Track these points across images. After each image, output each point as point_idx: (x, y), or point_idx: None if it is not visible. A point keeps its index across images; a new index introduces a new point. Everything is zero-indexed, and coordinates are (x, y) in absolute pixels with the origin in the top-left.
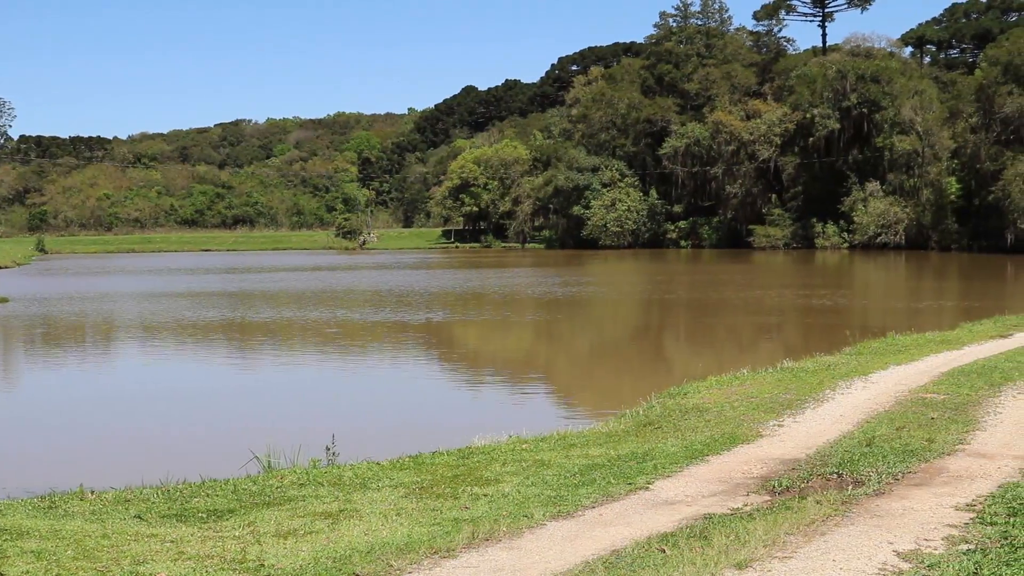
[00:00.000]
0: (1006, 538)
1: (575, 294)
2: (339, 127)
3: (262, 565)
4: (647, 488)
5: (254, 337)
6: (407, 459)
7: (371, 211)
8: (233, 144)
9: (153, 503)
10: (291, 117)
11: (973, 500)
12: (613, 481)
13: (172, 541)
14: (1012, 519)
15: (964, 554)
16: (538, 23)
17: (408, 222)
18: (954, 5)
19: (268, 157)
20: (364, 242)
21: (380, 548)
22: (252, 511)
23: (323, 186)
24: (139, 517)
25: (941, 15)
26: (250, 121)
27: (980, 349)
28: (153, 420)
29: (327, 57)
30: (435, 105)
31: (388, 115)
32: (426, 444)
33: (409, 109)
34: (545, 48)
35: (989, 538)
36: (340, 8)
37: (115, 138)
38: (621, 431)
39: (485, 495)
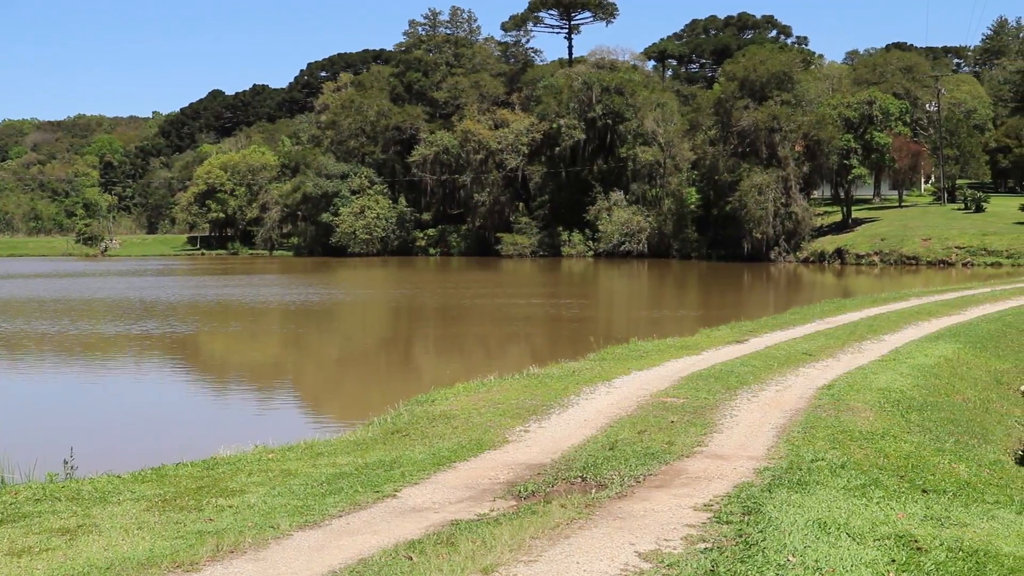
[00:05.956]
0: (741, 536)
1: (323, 302)
2: (80, 130)
3: None
4: (395, 496)
5: None
6: (149, 471)
7: (113, 217)
8: None
9: None
10: (28, 118)
11: (710, 500)
12: (360, 489)
13: None
14: (747, 518)
15: (702, 552)
16: (287, 28)
17: (152, 228)
18: (694, 21)
19: (3, 160)
20: (106, 249)
21: (120, 564)
22: None
23: (63, 191)
24: None
25: (682, 31)
26: None
27: (718, 354)
28: None
29: (66, 56)
30: (181, 109)
31: (132, 118)
32: (170, 456)
33: (154, 113)
34: (294, 53)
35: (725, 536)
36: (80, 4)
37: None
38: (369, 439)
39: (230, 506)
